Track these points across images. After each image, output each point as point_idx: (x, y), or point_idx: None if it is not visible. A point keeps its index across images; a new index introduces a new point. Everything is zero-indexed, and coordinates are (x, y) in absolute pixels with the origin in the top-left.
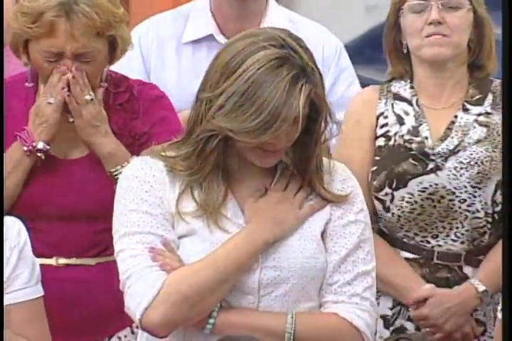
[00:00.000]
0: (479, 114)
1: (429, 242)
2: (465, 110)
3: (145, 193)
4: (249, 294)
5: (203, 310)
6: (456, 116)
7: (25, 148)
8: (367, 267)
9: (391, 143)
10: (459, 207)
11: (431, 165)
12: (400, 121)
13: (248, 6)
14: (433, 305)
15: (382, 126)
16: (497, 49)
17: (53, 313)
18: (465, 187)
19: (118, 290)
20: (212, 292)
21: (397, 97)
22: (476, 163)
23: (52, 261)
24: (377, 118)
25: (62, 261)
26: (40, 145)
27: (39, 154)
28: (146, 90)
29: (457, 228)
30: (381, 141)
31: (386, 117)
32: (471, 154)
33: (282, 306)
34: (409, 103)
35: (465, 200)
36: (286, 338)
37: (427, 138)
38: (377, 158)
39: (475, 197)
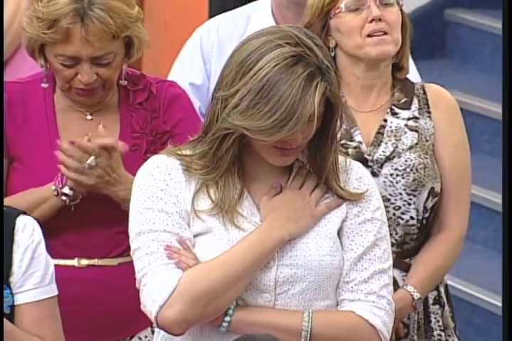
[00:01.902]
0: (408, 119)
1: None
2: (394, 114)
3: (160, 191)
4: (265, 292)
5: (218, 308)
6: (385, 120)
7: (53, 187)
8: (383, 265)
9: None
10: (393, 214)
11: None
12: None
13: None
14: None
15: None
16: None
17: (75, 314)
18: (400, 194)
19: (138, 290)
20: (227, 290)
21: None
22: (411, 170)
23: (74, 262)
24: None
25: (85, 262)
26: (66, 190)
27: (64, 198)
28: (166, 88)
29: (390, 234)
30: None
31: None
32: (406, 161)
33: (299, 304)
34: None
35: (399, 207)
36: (303, 336)
37: (361, 142)
38: None
39: (409, 204)
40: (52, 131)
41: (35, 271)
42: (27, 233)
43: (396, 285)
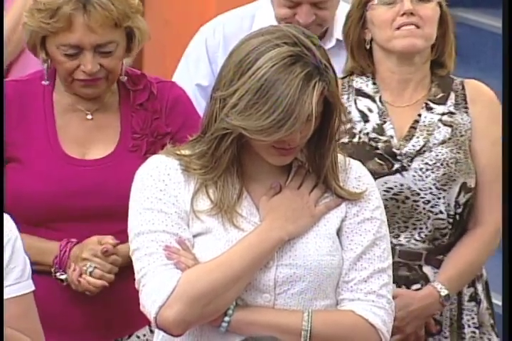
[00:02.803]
0: (443, 114)
1: (391, 241)
2: (428, 109)
3: (160, 192)
4: (265, 292)
5: (217, 308)
6: (419, 115)
7: (52, 270)
8: (383, 264)
9: (355, 140)
10: (423, 208)
11: (397, 165)
12: (365, 118)
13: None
14: (397, 307)
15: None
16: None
17: (73, 313)
18: (430, 188)
19: (136, 290)
20: (226, 290)
21: (360, 93)
22: (441, 164)
23: None
24: None
25: None
26: (63, 276)
27: (57, 279)
28: (167, 89)
29: (420, 228)
30: (345, 138)
31: (349, 113)
32: (437, 155)
33: (298, 304)
34: (373, 99)
35: (429, 201)
36: (303, 336)
37: (392, 137)
38: None
39: (439, 198)
40: (51, 130)
41: (16, 266)
42: (5, 228)
43: (428, 282)
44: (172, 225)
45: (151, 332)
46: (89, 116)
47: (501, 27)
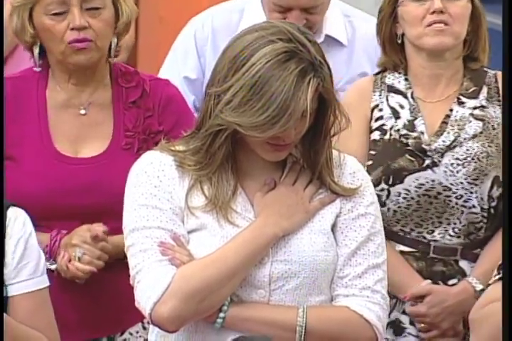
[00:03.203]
0: (474, 108)
1: (425, 237)
2: (460, 103)
3: (154, 188)
4: (260, 288)
5: (212, 304)
6: (451, 110)
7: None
8: (377, 260)
9: (386, 137)
10: (456, 203)
11: (427, 161)
12: (396, 115)
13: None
14: (431, 304)
15: (377, 119)
16: (494, 39)
17: (66, 310)
18: (461, 183)
19: (129, 286)
20: (221, 286)
21: (392, 90)
22: (472, 159)
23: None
24: (372, 111)
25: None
26: (53, 266)
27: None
28: (161, 87)
29: (454, 223)
30: (376, 135)
31: (381, 110)
32: (468, 150)
33: (293, 300)
34: (404, 96)
35: (461, 196)
36: (298, 331)
37: (422, 133)
38: (372, 152)
39: (471, 193)
40: (44, 128)
41: (28, 262)
42: (19, 224)
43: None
44: (167, 221)
45: (144, 328)
46: (82, 111)
47: (498, 23)
